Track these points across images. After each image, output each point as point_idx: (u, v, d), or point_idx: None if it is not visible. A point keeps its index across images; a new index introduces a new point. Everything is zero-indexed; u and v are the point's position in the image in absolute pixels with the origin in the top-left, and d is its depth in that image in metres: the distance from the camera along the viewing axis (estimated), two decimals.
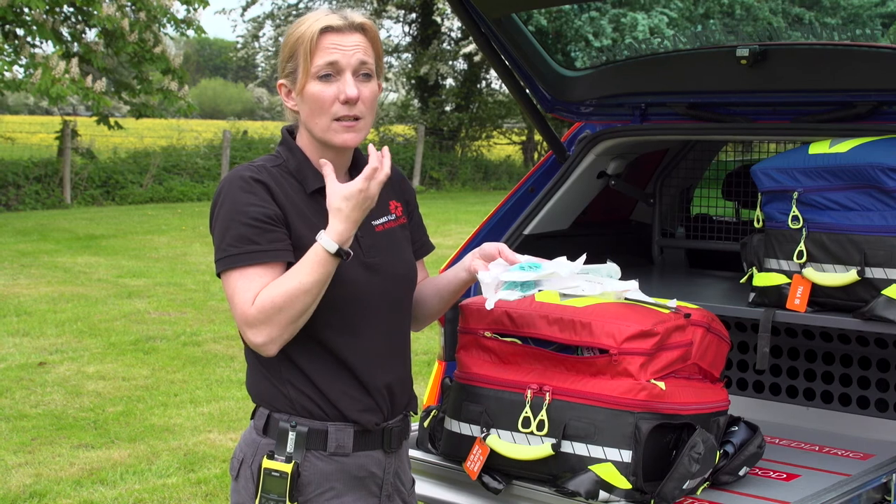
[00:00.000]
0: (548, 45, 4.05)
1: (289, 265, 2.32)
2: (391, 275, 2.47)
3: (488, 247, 2.57)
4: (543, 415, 2.76)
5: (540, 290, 2.54)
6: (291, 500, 2.35)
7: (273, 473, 2.36)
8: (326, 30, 2.37)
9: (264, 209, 2.32)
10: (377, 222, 2.49)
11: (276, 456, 2.38)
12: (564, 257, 2.57)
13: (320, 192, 2.40)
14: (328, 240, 2.26)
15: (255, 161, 2.44)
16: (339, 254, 2.26)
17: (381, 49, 2.48)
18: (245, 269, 2.30)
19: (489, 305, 2.50)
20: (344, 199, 2.26)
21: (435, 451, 3.07)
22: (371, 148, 2.32)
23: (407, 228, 2.60)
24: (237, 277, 2.30)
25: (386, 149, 2.34)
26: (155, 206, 19.86)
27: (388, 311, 2.46)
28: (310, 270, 2.26)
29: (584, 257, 2.60)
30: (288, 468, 2.36)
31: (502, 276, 2.49)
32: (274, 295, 2.26)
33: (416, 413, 2.62)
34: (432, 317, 2.68)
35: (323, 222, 2.33)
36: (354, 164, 2.51)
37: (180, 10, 19.34)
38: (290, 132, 2.51)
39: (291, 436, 2.38)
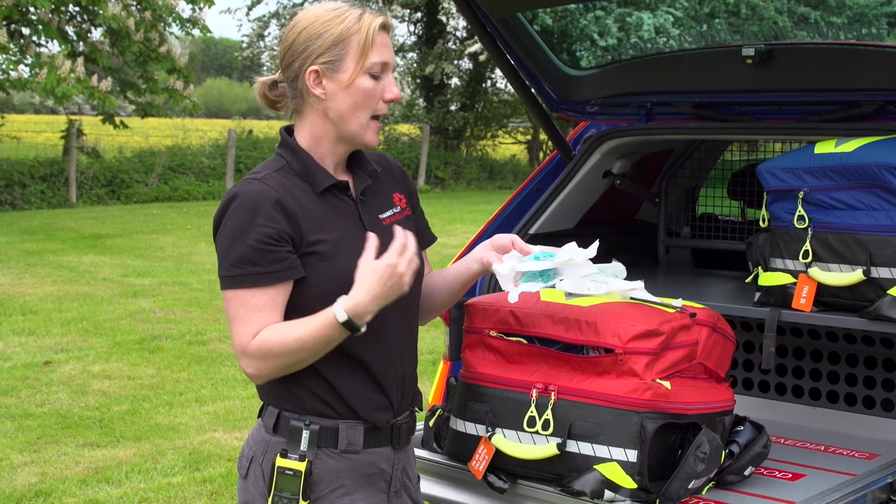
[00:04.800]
0: (553, 45, 4.05)
1: (295, 281, 2.32)
2: None
3: (500, 238, 2.57)
4: (549, 414, 2.76)
5: (561, 280, 2.52)
6: (304, 498, 2.36)
7: (287, 472, 2.36)
8: (383, 27, 2.39)
9: (266, 229, 2.29)
10: (384, 216, 2.49)
11: (289, 454, 2.38)
12: (574, 243, 2.56)
13: (329, 190, 2.40)
14: (340, 307, 2.25)
15: (258, 172, 2.40)
16: (349, 326, 2.25)
17: None
18: (245, 292, 2.29)
19: (513, 299, 2.49)
20: (371, 272, 2.26)
21: (440, 451, 3.07)
22: (397, 228, 2.33)
23: (412, 220, 2.60)
24: (238, 303, 2.30)
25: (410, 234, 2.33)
26: (160, 206, 19.87)
27: (398, 305, 2.45)
28: (314, 328, 2.26)
29: (596, 243, 2.58)
30: (302, 466, 2.36)
31: (519, 267, 2.47)
32: (274, 340, 2.27)
33: (420, 409, 2.62)
34: (440, 310, 2.68)
35: (335, 221, 2.35)
36: (356, 162, 2.51)
37: (186, 10, 19.35)
38: (289, 132, 2.49)
39: (305, 434, 2.38)
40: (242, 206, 2.32)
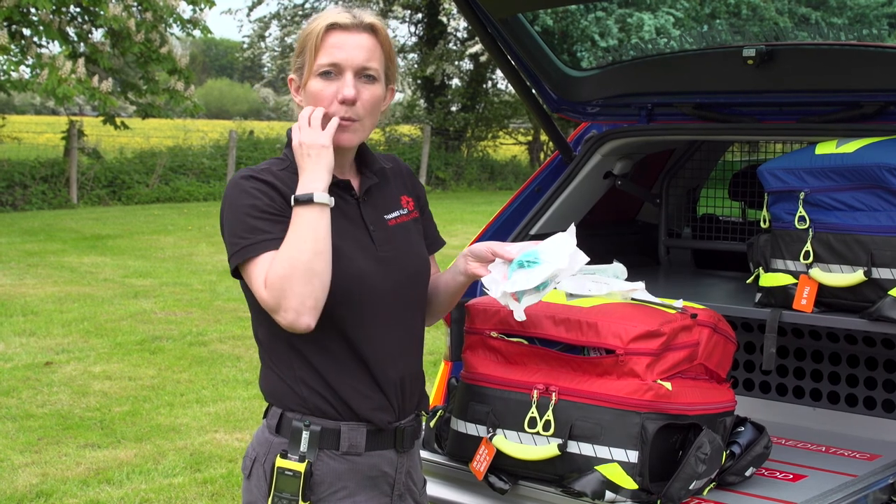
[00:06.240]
0: (554, 45, 4.05)
1: None
2: (404, 268, 2.46)
3: (478, 248, 2.53)
4: (550, 415, 2.76)
5: (557, 283, 2.49)
6: (304, 499, 2.35)
7: (286, 472, 2.36)
8: (332, 27, 2.37)
9: (271, 203, 2.33)
10: (390, 216, 2.49)
11: (289, 455, 2.38)
12: (558, 233, 2.51)
13: (330, 189, 2.40)
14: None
15: (260, 165, 2.44)
16: (305, 200, 2.26)
17: (392, 51, 2.47)
18: (264, 258, 2.29)
19: (520, 317, 2.48)
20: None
21: (441, 452, 3.07)
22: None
23: (419, 223, 2.59)
24: (252, 268, 2.30)
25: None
26: (161, 206, 19.88)
27: (400, 305, 2.45)
28: (292, 227, 2.27)
29: (573, 227, 2.53)
30: (301, 467, 2.36)
31: (509, 288, 2.44)
32: (275, 267, 2.25)
33: (427, 412, 2.61)
34: (441, 313, 2.68)
35: (335, 219, 2.35)
36: (363, 162, 2.52)
37: (186, 11, 19.37)
38: None
39: (305, 435, 2.37)
40: (242, 187, 2.35)
